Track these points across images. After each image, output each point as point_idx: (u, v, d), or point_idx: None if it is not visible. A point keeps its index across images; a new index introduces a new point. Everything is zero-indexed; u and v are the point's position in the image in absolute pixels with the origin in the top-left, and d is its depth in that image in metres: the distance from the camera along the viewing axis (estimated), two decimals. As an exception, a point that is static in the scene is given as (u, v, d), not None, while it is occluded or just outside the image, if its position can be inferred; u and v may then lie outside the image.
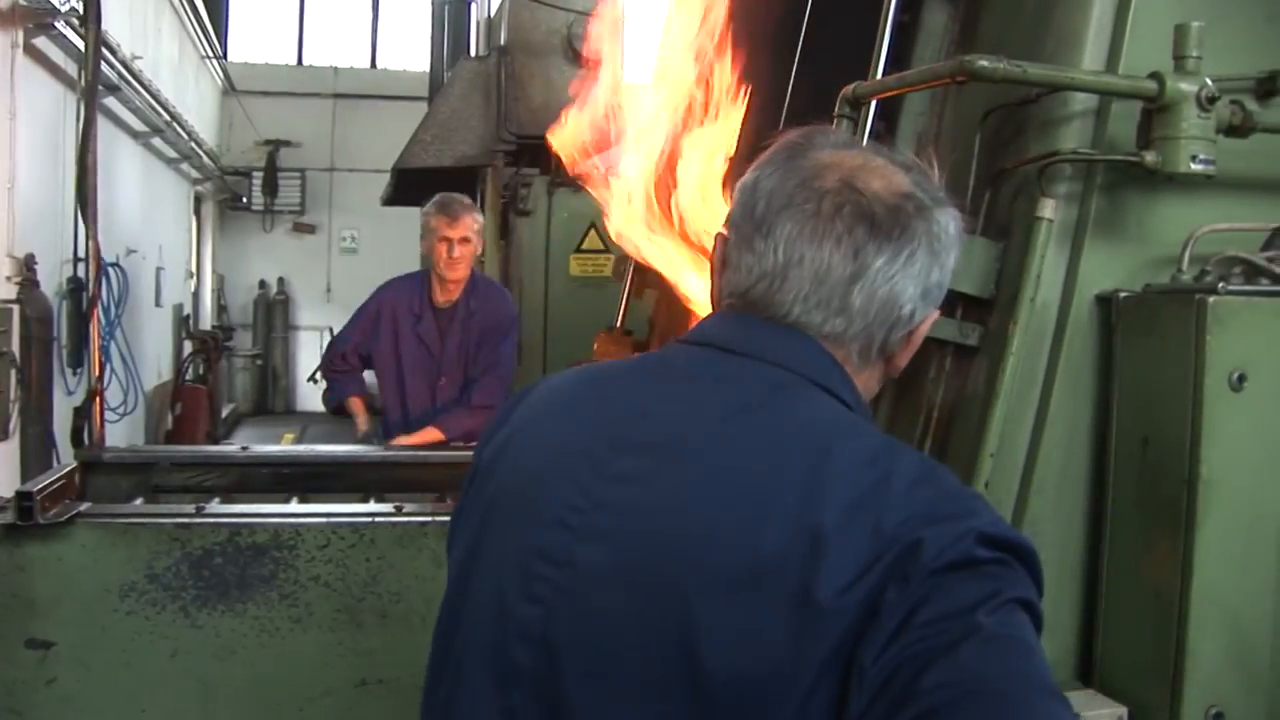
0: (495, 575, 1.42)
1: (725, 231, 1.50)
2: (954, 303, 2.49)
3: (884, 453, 1.32)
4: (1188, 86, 2.23)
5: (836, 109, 2.60)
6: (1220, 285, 2.17)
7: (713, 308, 1.54)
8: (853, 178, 1.41)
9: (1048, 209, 2.32)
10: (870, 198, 1.39)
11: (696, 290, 3.01)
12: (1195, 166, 2.24)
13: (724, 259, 1.49)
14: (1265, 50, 2.45)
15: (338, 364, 5.46)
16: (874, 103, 2.64)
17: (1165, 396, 2.20)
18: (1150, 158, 2.25)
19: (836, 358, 1.43)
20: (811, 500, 1.25)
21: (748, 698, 1.21)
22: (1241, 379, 2.12)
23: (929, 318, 1.47)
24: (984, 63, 2.18)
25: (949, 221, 1.45)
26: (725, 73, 2.95)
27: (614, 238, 3.16)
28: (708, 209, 2.90)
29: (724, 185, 2.90)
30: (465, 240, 5.13)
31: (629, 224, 3.04)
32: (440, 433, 4.97)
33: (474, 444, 4.40)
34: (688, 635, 1.24)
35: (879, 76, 2.69)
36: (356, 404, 5.53)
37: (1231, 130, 2.31)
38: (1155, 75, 2.24)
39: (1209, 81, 2.23)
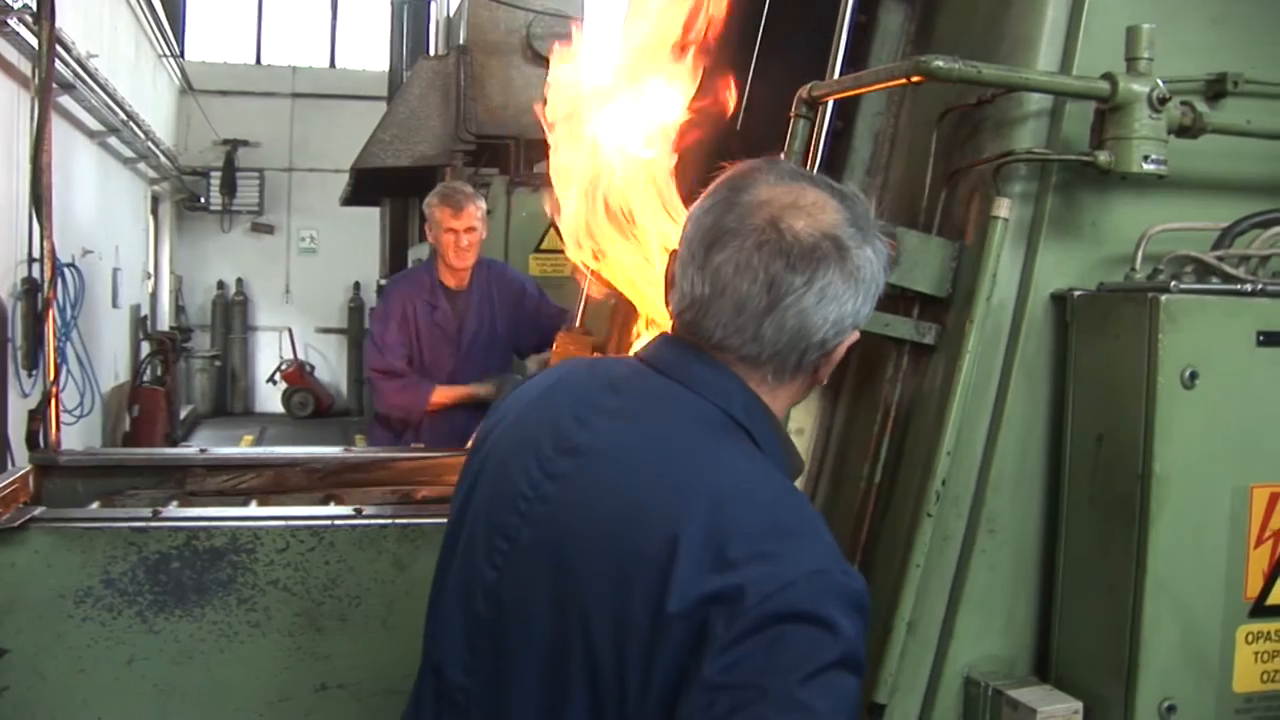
0: (472, 538, 1.71)
1: (677, 249, 1.68)
2: (911, 302, 2.50)
3: (756, 490, 1.54)
4: (1139, 87, 2.25)
5: (793, 109, 2.61)
6: (1172, 284, 2.19)
7: (669, 316, 1.72)
8: (779, 217, 1.57)
9: (1003, 208, 2.34)
10: (790, 238, 1.55)
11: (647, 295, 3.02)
12: (1147, 166, 2.26)
13: (671, 278, 1.69)
14: (1213, 52, 2.48)
15: (400, 369, 5.28)
16: (831, 103, 2.65)
17: (1119, 394, 2.22)
18: (1103, 158, 2.28)
19: (753, 379, 1.63)
20: (681, 518, 1.46)
21: (612, 676, 1.46)
22: (1193, 376, 2.15)
23: (846, 340, 1.64)
24: (939, 63, 2.20)
25: (870, 257, 1.61)
26: (680, 77, 2.95)
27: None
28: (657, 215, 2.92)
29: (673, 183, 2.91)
30: (471, 229, 5.19)
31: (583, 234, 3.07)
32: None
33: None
34: (581, 615, 1.50)
35: (836, 77, 2.70)
36: (444, 394, 5.28)
37: (1182, 131, 2.33)
38: (1108, 76, 2.26)
39: (1160, 83, 2.26)
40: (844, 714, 1.41)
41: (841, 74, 2.70)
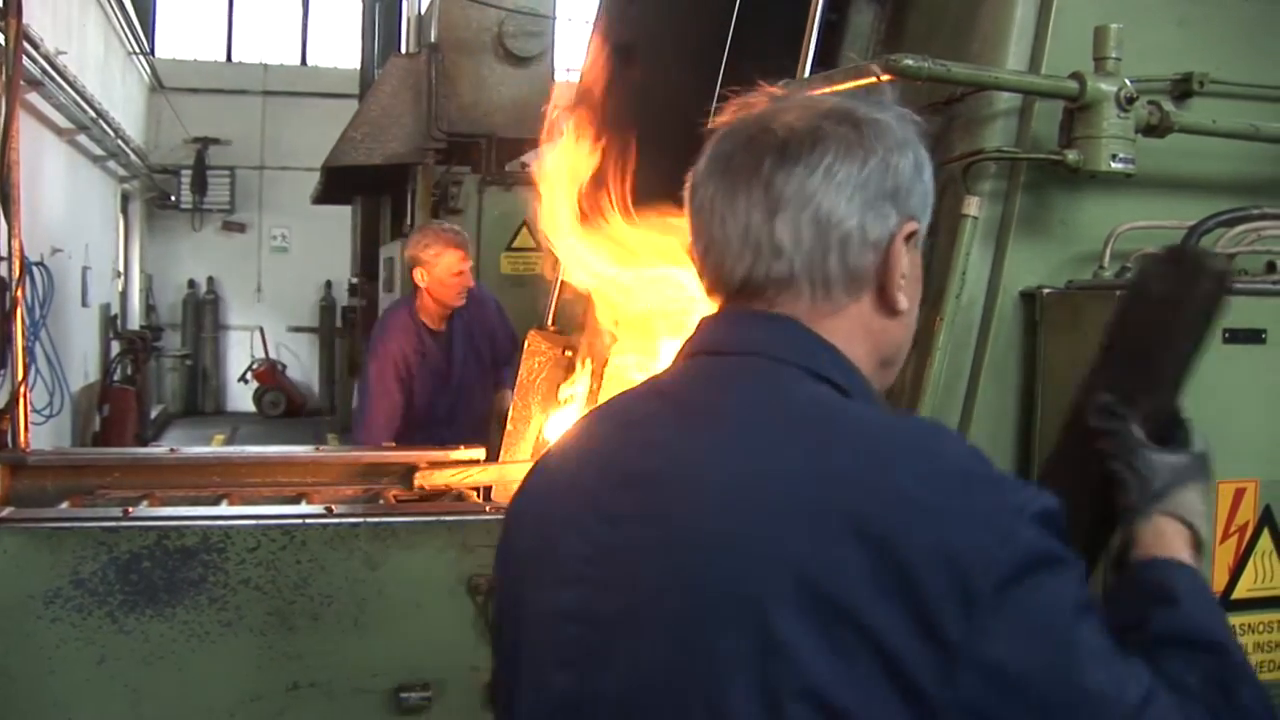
0: (529, 643, 1.35)
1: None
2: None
3: (893, 446, 1.20)
4: (1107, 87, 2.27)
5: (764, 108, 2.62)
6: (1140, 281, 2.21)
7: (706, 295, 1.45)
8: (769, 119, 1.33)
9: (973, 206, 2.36)
10: (783, 131, 1.30)
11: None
12: (1115, 165, 2.28)
13: (689, 254, 1.42)
14: (1179, 53, 2.50)
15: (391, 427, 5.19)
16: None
17: (1087, 391, 2.24)
18: (1072, 156, 2.29)
19: (802, 309, 1.31)
20: (826, 510, 1.14)
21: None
22: (1160, 373, 2.16)
23: (900, 230, 1.31)
24: (909, 62, 2.21)
25: (886, 123, 1.32)
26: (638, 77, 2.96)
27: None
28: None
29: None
30: (471, 268, 5.20)
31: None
32: None
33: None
34: (720, 677, 1.14)
35: (806, 75, 2.71)
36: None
37: (1150, 130, 2.35)
38: (1076, 75, 2.28)
39: (1128, 82, 2.28)
40: (1108, 637, 1.16)
41: (812, 72, 2.71)
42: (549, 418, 3.80)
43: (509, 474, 3.85)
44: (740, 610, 1.13)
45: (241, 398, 18.87)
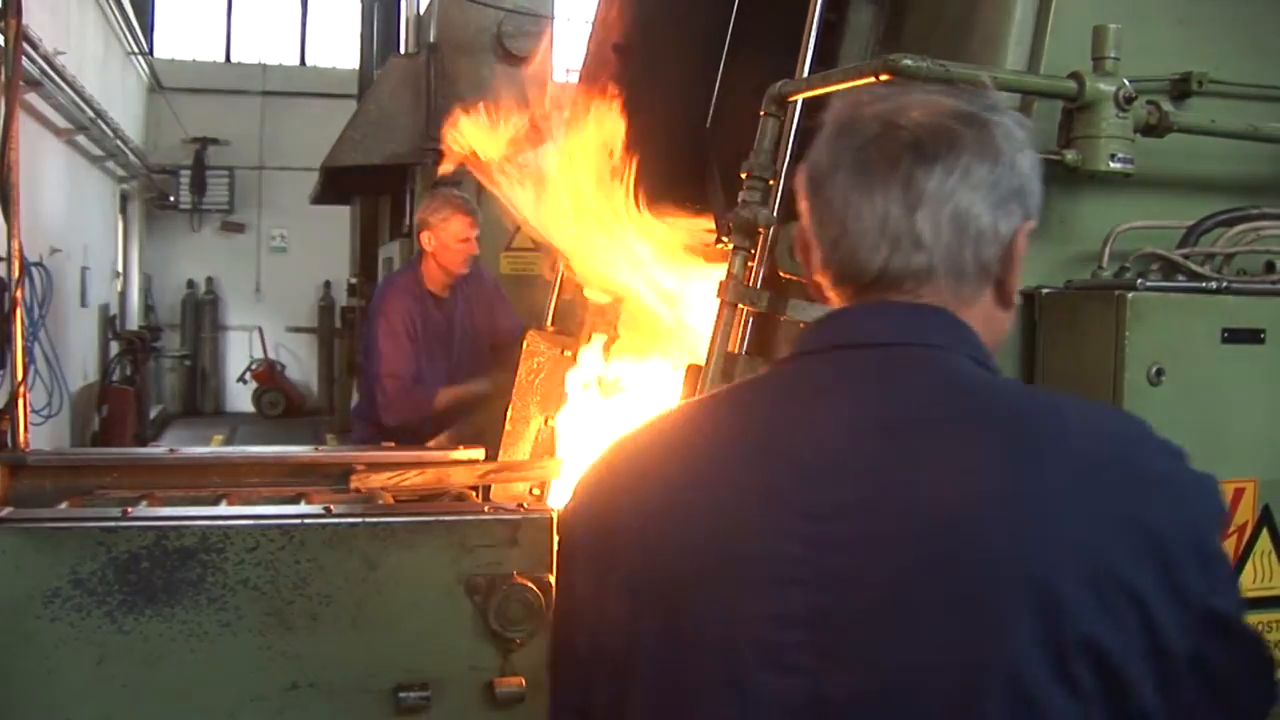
0: (720, 651, 1.27)
1: (802, 219, 1.45)
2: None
3: (1117, 428, 1.34)
4: (1106, 86, 2.27)
5: (763, 107, 2.62)
6: (1139, 281, 2.21)
7: (815, 294, 1.48)
8: (894, 115, 1.36)
9: (972, 207, 2.35)
10: (912, 127, 1.35)
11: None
12: (1114, 165, 2.28)
13: (805, 245, 1.44)
14: (1178, 53, 2.51)
15: (409, 384, 5.22)
16: (800, 101, 2.66)
17: (1086, 390, 2.23)
18: (1071, 156, 2.29)
19: (943, 301, 1.37)
20: (1084, 492, 1.22)
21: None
22: (1160, 373, 2.16)
23: (1022, 228, 1.40)
24: (908, 61, 2.21)
25: (1009, 126, 1.39)
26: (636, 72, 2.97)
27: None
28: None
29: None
30: (478, 236, 5.27)
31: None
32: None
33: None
34: (1012, 656, 1.17)
35: (805, 75, 2.71)
36: (448, 395, 5.24)
37: (1149, 130, 2.35)
38: (1075, 75, 2.28)
39: (1126, 82, 2.28)
40: None
41: (811, 72, 2.71)
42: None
43: (450, 477, 3.84)
44: (1026, 585, 1.17)
45: (240, 398, 18.88)
